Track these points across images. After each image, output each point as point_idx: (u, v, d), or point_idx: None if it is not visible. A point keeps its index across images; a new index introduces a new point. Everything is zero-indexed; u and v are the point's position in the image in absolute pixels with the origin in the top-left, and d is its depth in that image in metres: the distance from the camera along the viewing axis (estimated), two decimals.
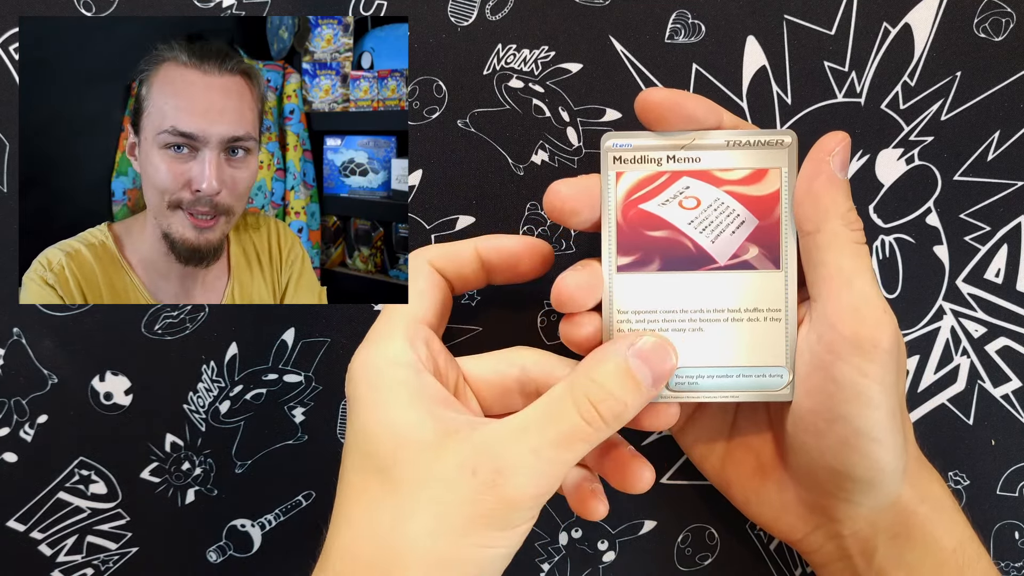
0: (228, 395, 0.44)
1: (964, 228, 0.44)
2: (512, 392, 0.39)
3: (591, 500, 0.38)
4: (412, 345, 0.36)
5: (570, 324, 0.37)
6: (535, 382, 0.38)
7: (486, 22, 0.43)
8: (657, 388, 0.34)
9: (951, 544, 0.37)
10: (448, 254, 0.39)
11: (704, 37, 0.43)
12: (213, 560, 0.45)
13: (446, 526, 0.32)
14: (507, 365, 0.38)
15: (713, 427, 0.41)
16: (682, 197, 0.37)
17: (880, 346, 0.34)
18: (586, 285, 0.36)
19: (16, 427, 0.44)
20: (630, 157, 0.37)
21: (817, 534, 0.38)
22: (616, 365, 0.34)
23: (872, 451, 0.34)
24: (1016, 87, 0.43)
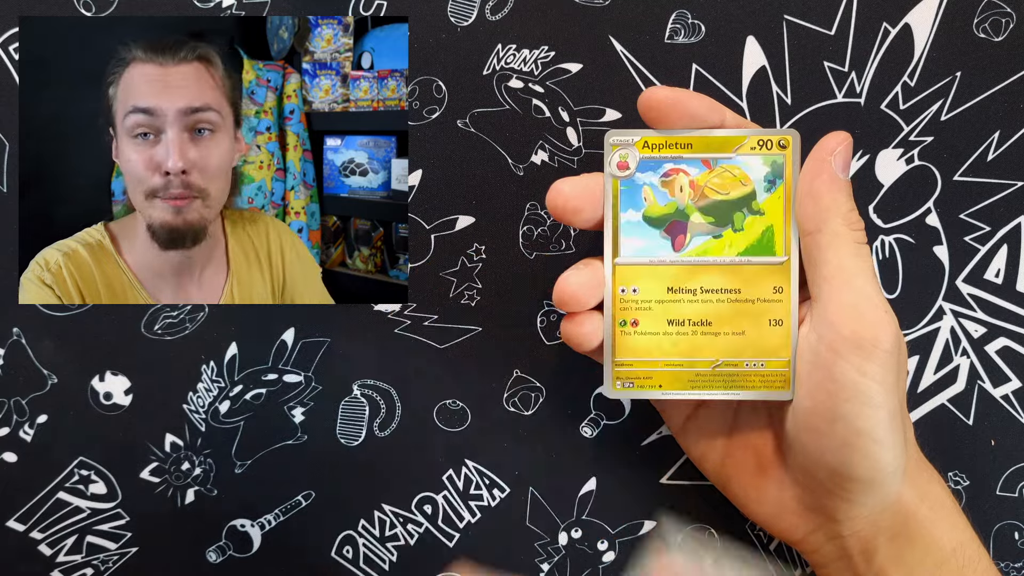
0: (228, 395, 0.44)
1: (964, 228, 0.44)
2: None
3: None
4: None
5: (571, 323, 0.37)
6: None
7: (486, 22, 0.43)
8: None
9: (951, 544, 0.37)
10: None
11: (704, 37, 0.43)
12: (213, 560, 0.45)
13: None
14: None
15: (713, 426, 0.41)
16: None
17: (880, 346, 0.34)
18: (588, 284, 0.36)
19: (16, 427, 0.44)
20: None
21: (817, 534, 0.38)
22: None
23: (872, 451, 0.34)
24: (1016, 87, 0.43)
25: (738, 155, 0.36)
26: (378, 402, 0.45)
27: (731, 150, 0.36)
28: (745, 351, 0.37)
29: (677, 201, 0.37)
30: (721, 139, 0.36)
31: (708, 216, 0.37)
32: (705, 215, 0.37)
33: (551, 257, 0.44)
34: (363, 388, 0.45)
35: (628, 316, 0.37)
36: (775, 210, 0.37)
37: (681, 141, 0.37)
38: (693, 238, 0.37)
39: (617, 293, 0.37)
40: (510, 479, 0.45)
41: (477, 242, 0.44)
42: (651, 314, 0.37)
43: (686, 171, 0.37)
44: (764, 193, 0.36)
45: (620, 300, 0.37)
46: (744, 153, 0.36)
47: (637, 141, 0.37)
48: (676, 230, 0.37)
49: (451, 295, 0.44)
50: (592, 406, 0.45)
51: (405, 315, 0.44)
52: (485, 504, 0.45)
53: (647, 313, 0.37)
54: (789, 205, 0.36)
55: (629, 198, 0.37)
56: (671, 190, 0.37)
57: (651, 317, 0.37)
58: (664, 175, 0.37)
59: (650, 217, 0.37)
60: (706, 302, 0.37)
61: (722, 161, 0.37)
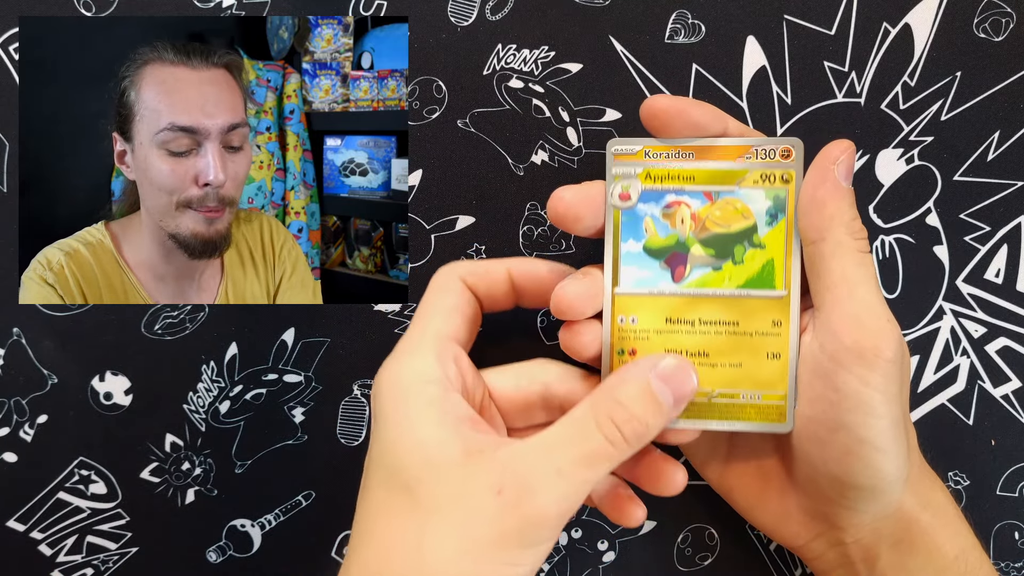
0: (228, 395, 0.44)
1: (964, 228, 0.44)
2: (535, 408, 0.38)
3: (628, 506, 0.38)
4: (441, 362, 0.35)
5: (570, 332, 0.37)
6: (558, 398, 0.38)
7: (486, 22, 0.43)
8: (678, 409, 0.35)
9: (953, 551, 0.37)
10: (480, 272, 0.38)
11: (704, 37, 0.43)
12: (213, 560, 0.45)
13: (471, 544, 0.32)
14: (529, 381, 0.38)
15: (715, 433, 0.40)
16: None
17: (882, 355, 0.33)
18: (586, 294, 0.36)
19: (16, 427, 0.44)
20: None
21: (819, 541, 0.38)
22: (639, 386, 0.34)
23: (874, 460, 0.34)
24: (1016, 87, 0.43)
25: (741, 188, 0.36)
26: None
27: (734, 183, 0.36)
28: (742, 383, 0.37)
29: (678, 233, 0.37)
30: (724, 172, 0.36)
31: (708, 248, 0.37)
32: (705, 247, 0.37)
33: (551, 257, 0.44)
34: (363, 388, 0.45)
35: (626, 346, 0.37)
36: (776, 244, 0.36)
37: (684, 173, 0.36)
38: (693, 270, 0.37)
39: (616, 323, 0.37)
40: None
41: (477, 242, 0.44)
42: (649, 344, 0.37)
43: (688, 203, 0.37)
44: (766, 227, 0.36)
45: (619, 329, 0.37)
46: (747, 186, 0.36)
47: (640, 173, 0.37)
48: (676, 261, 0.37)
49: None
50: None
51: (405, 315, 0.44)
52: None
53: (645, 343, 0.37)
54: (791, 240, 0.36)
55: (630, 228, 0.37)
56: (672, 222, 0.37)
57: (649, 347, 0.37)
58: (666, 207, 0.37)
59: (651, 248, 0.37)
60: (704, 334, 0.37)
61: (724, 194, 0.36)
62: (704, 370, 0.37)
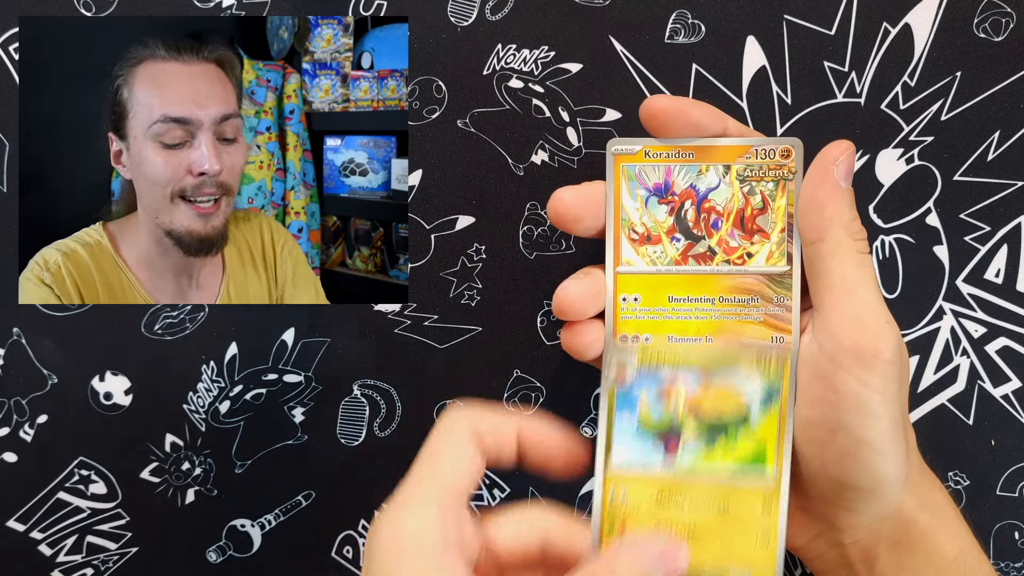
0: (228, 395, 0.44)
1: (964, 228, 0.44)
2: (534, 563, 0.37)
3: None
4: (443, 521, 0.33)
5: (571, 333, 0.37)
6: (558, 550, 0.36)
7: (486, 22, 0.43)
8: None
9: (952, 552, 0.37)
10: (493, 430, 0.36)
11: (704, 37, 0.43)
12: (213, 560, 0.45)
13: None
14: (529, 528, 0.36)
15: None
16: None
17: (881, 356, 0.33)
18: (588, 294, 0.36)
19: (16, 427, 0.44)
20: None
21: (818, 542, 0.38)
22: (632, 564, 0.33)
23: (874, 461, 0.34)
24: (1016, 87, 0.43)
25: (738, 367, 0.37)
26: (378, 402, 0.45)
27: (731, 364, 0.37)
28: (731, 560, 0.36)
29: (672, 414, 0.37)
30: (721, 354, 0.37)
31: (702, 430, 0.37)
32: (699, 430, 0.37)
33: (551, 257, 0.44)
34: (363, 388, 0.45)
35: (616, 523, 0.37)
36: (769, 431, 0.36)
37: (680, 357, 0.37)
38: (686, 448, 0.37)
39: (607, 501, 0.37)
40: (510, 479, 0.45)
41: (477, 242, 0.44)
42: (638, 520, 0.37)
43: (682, 387, 0.37)
44: (759, 415, 0.36)
45: (609, 506, 0.37)
46: (743, 367, 0.37)
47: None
48: (669, 437, 0.37)
49: (451, 295, 0.44)
50: (592, 406, 0.45)
51: (405, 315, 0.44)
52: (485, 504, 0.45)
53: (635, 519, 0.37)
54: (784, 424, 0.36)
55: (624, 404, 0.37)
56: (667, 403, 0.37)
57: (639, 523, 0.37)
58: (661, 388, 0.37)
59: (644, 425, 0.37)
60: (694, 511, 0.36)
61: (719, 378, 0.37)
62: (694, 547, 0.36)
